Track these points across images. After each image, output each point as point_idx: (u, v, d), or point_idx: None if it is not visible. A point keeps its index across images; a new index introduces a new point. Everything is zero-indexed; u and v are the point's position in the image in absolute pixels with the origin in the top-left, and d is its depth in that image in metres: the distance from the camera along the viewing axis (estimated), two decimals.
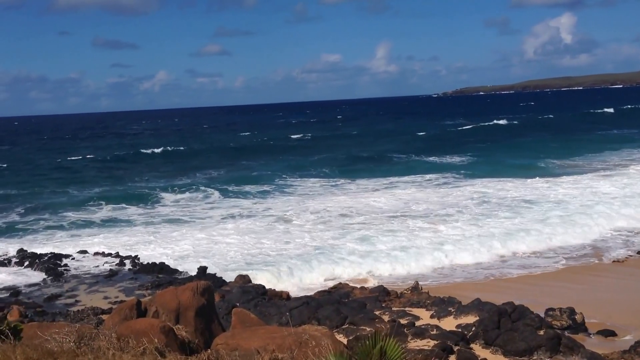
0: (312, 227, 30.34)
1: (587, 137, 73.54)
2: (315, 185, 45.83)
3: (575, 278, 21.57)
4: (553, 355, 14.35)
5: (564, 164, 52.17)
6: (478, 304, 17.39)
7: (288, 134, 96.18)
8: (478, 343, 15.44)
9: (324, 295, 19.76)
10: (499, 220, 29.89)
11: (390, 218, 31.68)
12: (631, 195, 34.59)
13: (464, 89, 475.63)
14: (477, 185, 41.07)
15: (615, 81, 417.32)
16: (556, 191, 37.52)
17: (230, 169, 57.69)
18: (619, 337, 16.10)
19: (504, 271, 22.57)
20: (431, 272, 22.92)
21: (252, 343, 8.99)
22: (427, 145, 70.97)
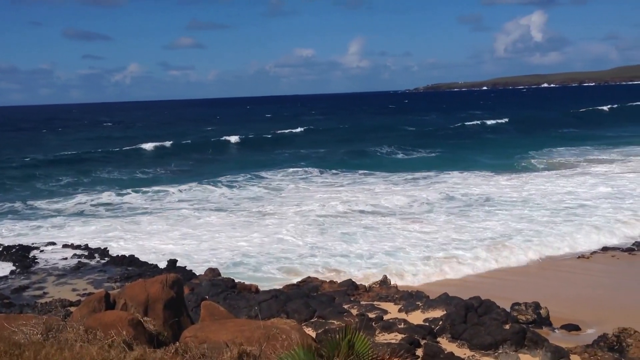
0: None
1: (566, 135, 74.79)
2: (285, 179, 45.83)
3: (542, 273, 21.96)
4: (518, 349, 14.62)
5: (536, 161, 52.98)
6: (445, 299, 17.63)
7: (267, 128, 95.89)
8: (445, 337, 15.66)
9: (292, 288, 19.83)
10: (473, 217, 30.23)
11: (366, 214, 31.86)
12: (595, 192, 35.32)
13: (436, 85, 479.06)
14: (450, 182, 41.46)
15: (584, 79, 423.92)
16: (525, 188, 38.08)
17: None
18: (582, 332, 16.46)
19: (474, 266, 22.81)
20: (407, 269, 22.89)
21: (221, 336, 9.01)
22: (406, 140, 71.31)
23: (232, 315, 11.87)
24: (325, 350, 6.78)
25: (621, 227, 27.27)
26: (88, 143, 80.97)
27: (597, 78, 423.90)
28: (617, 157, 52.36)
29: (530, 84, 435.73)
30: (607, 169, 44.77)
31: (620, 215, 29.16)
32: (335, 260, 23.80)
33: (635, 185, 37.32)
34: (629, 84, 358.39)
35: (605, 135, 71.24)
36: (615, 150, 57.11)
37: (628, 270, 22.01)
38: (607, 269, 22.14)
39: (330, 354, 6.72)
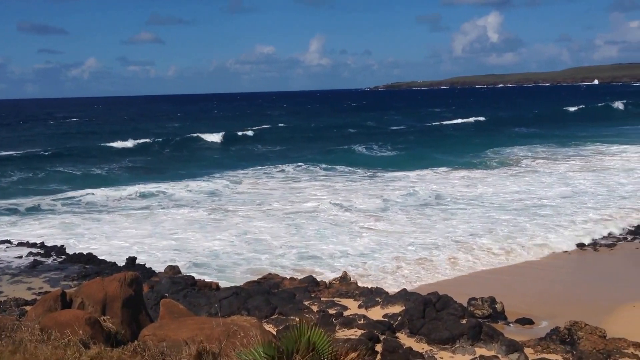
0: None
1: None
2: (250, 177, 45.66)
3: (499, 270, 22.37)
4: (474, 343, 14.90)
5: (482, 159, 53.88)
6: (404, 294, 17.84)
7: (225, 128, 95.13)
8: (404, 332, 15.86)
9: (253, 285, 19.81)
10: (436, 215, 30.61)
11: (331, 212, 31.94)
12: (554, 191, 36.11)
13: (396, 84, 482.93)
14: (413, 179, 41.94)
15: (538, 80, 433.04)
16: (485, 187, 38.72)
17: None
18: (535, 325, 16.88)
19: (433, 263, 23.07)
20: (370, 267, 22.93)
21: (180, 334, 8.99)
22: (369, 139, 71.60)
23: (191, 313, 11.83)
24: (285, 346, 6.81)
25: (582, 225, 27.70)
26: (44, 139, 79.32)
27: (550, 78, 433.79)
28: (573, 156, 53.62)
29: (487, 83, 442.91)
30: (564, 168, 45.76)
31: (581, 213, 29.80)
32: (304, 259, 23.69)
33: (591, 184, 38.29)
34: (580, 84, 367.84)
35: (563, 134, 72.73)
36: (571, 149, 58.45)
37: (584, 266, 22.61)
38: (565, 265, 22.70)
39: (289, 350, 6.76)
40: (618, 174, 41.96)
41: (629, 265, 22.50)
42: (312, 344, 6.77)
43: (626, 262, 22.86)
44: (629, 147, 57.18)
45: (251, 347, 7.01)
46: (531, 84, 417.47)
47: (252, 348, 6.88)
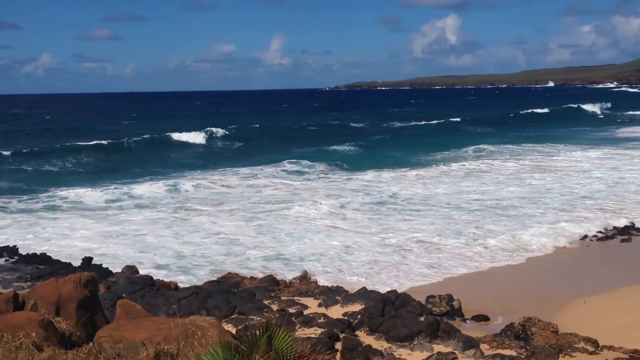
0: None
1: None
2: (210, 177, 45.32)
3: (455, 268, 22.68)
4: (432, 339, 15.10)
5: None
6: (364, 293, 17.96)
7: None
8: (363, 330, 15.97)
9: (213, 285, 19.68)
10: (395, 214, 30.82)
11: (291, 212, 31.94)
12: (510, 191, 36.80)
13: (356, 84, 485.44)
14: (370, 179, 42.15)
15: (495, 81, 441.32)
16: (437, 187, 39.20)
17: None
18: (491, 322, 17.20)
19: (390, 260, 23.24)
20: (330, 267, 22.86)
21: (137, 335, 8.87)
22: (330, 139, 71.62)
23: (149, 313, 11.68)
24: (245, 346, 6.79)
25: (545, 224, 28.13)
26: None
27: (506, 80, 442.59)
28: (529, 156, 54.74)
29: (446, 84, 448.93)
30: (520, 168, 46.62)
31: (542, 213, 30.36)
32: (270, 259, 23.53)
33: (549, 184, 39.11)
34: (534, 86, 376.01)
35: (519, 135, 74.02)
36: (527, 150, 59.64)
37: (540, 265, 23.05)
38: (522, 263, 23.07)
39: (249, 350, 6.74)
40: (573, 174, 42.95)
41: (582, 263, 23.06)
42: (272, 343, 6.75)
43: (580, 260, 23.43)
44: (580, 148, 58.74)
45: (210, 347, 6.97)
46: (488, 85, 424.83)
47: (211, 348, 6.84)
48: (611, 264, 22.69)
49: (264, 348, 6.72)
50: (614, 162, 48.44)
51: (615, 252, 24.08)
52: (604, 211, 30.54)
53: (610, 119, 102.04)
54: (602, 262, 22.97)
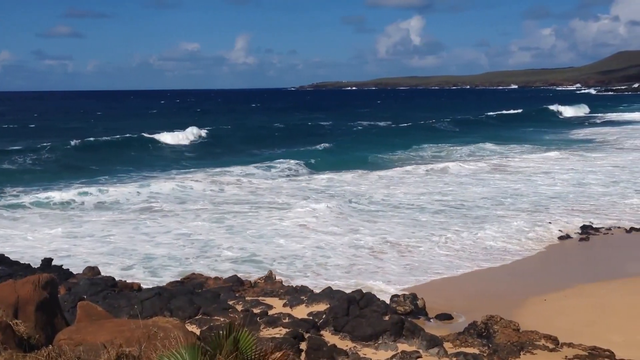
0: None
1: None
2: (171, 179, 44.87)
3: (422, 268, 22.86)
4: (397, 338, 15.19)
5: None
6: (329, 292, 17.98)
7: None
8: (328, 330, 15.98)
9: (176, 285, 19.48)
10: (363, 215, 30.92)
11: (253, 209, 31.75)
12: (474, 191, 37.24)
13: (321, 84, 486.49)
14: (329, 179, 42.26)
15: (458, 82, 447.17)
16: (400, 188, 39.50)
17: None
18: (454, 320, 17.41)
19: (361, 261, 23.31)
20: (301, 268, 22.71)
21: (99, 337, 8.72)
22: (294, 140, 71.51)
23: (111, 315, 11.51)
24: (209, 347, 6.74)
25: (511, 224, 28.60)
26: None
27: (469, 82, 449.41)
28: (492, 157, 55.57)
29: (410, 85, 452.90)
30: (483, 169, 47.26)
31: (501, 213, 30.79)
32: (237, 260, 23.34)
33: (508, 183, 39.78)
34: (497, 88, 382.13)
35: (482, 135, 74.79)
36: (489, 151, 60.50)
37: (502, 264, 23.36)
38: (487, 264, 23.34)
39: (213, 351, 6.68)
40: (535, 176, 43.70)
41: (542, 261, 23.48)
42: (236, 344, 6.71)
43: (540, 258, 23.85)
44: (544, 150, 59.83)
45: (173, 349, 6.89)
46: (452, 86, 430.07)
47: (174, 350, 6.77)
48: (570, 263, 23.17)
49: (228, 349, 6.67)
50: (575, 163, 49.47)
51: (574, 250, 24.60)
52: (564, 211, 31.16)
53: (582, 121, 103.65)
54: (562, 261, 23.42)
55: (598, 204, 32.91)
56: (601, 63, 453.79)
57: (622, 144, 63.64)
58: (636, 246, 24.82)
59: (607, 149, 59.04)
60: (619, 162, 48.91)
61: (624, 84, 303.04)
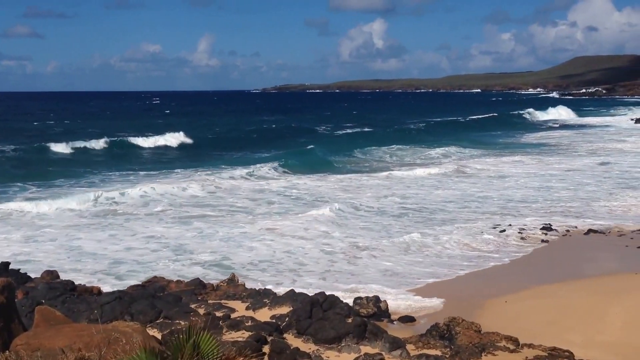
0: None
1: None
2: (129, 181, 44.25)
3: (387, 271, 22.99)
4: (359, 341, 15.23)
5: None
6: (292, 295, 17.95)
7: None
8: (291, 333, 15.94)
9: (137, 289, 19.20)
10: (323, 217, 30.95)
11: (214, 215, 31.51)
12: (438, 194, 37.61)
13: (284, 86, 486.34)
14: (297, 182, 42.29)
15: (420, 86, 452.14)
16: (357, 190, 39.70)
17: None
18: (417, 322, 17.54)
19: (329, 265, 23.32)
20: (272, 273, 22.57)
21: (57, 342, 8.55)
22: (257, 142, 71.21)
23: (69, 320, 11.29)
24: (170, 352, 6.66)
25: (472, 227, 28.93)
26: None
27: (431, 85, 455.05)
28: (446, 160, 56.24)
29: (372, 88, 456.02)
30: (443, 171, 47.77)
31: (464, 215, 31.27)
32: (202, 264, 23.11)
33: (473, 187, 40.28)
34: (459, 92, 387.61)
35: (440, 139, 75.60)
36: (447, 154, 61.18)
37: (463, 266, 23.62)
38: (448, 266, 23.59)
39: (174, 355, 6.61)
40: (496, 180, 44.34)
41: (502, 263, 23.80)
42: (197, 348, 6.64)
43: (500, 260, 24.17)
44: (509, 153, 60.77)
45: (133, 353, 6.79)
46: (414, 89, 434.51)
47: (134, 354, 6.67)
48: (530, 264, 23.55)
49: (189, 353, 6.61)
50: (540, 166, 50.37)
51: (534, 252, 24.99)
52: (525, 214, 31.71)
53: (554, 125, 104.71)
54: (522, 263, 23.80)
55: (558, 206, 33.56)
56: (559, 68, 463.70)
57: (579, 148, 65.00)
58: (593, 248, 25.37)
59: (572, 153, 60.26)
60: (577, 166, 49.96)
61: (582, 88, 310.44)
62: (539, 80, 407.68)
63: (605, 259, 23.75)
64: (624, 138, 74.29)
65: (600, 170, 47.43)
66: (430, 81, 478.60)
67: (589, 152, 60.16)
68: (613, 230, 27.78)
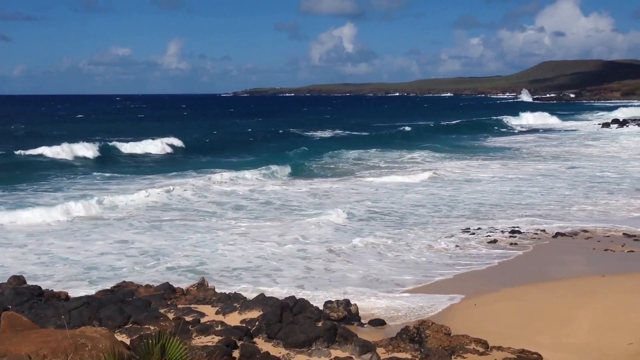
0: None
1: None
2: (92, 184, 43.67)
3: (360, 273, 23.05)
4: (330, 345, 15.24)
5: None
6: (262, 299, 17.88)
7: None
8: (261, 337, 15.88)
9: (106, 294, 18.96)
10: (289, 221, 30.90)
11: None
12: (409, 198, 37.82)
13: (255, 90, 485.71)
14: (269, 190, 42.17)
15: (390, 90, 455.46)
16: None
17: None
18: (387, 326, 17.61)
19: (304, 270, 23.30)
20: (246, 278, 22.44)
21: (23, 348, 8.43)
22: (232, 146, 70.66)
23: (36, 325, 11.15)
24: (138, 357, 6.62)
25: (443, 231, 29.17)
26: None
27: (401, 89, 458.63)
28: (417, 164, 56.65)
29: (343, 92, 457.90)
30: (415, 175, 48.08)
31: (435, 219, 31.46)
32: (174, 272, 22.85)
33: (439, 190, 40.62)
34: (429, 95, 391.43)
35: (409, 144, 75.98)
36: (414, 159, 61.65)
37: (434, 269, 23.79)
38: (420, 268, 23.73)
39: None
40: (466, 185, 44.75)
41: (472, 266, 24.03)
42: (165, 353, 6.61)
43: (469, 262, 24.40)
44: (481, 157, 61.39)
45: (101, 358, 6.73)
46: (384, 93, 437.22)
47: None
48: (499, 267, 23.83)
49: (157, 358, 6.57)
50: (505, 170, 51.01)
51: (503, 255, 25.27)
52: (492, 217, 32.10)
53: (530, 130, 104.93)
54: (490, 265, 24.05)
55: (527, 210, 34.01)
56: (527, 72, 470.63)
57: (546, 151, 66.00)
58: (561, 251, 25.76)
59: (541, 157, 61.13)
60: (547, 170, 50.74)
61: (551, 92, 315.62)
62: (507, 84, 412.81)
63: (573, 262, 24.13)
64: (590, 142, 75.69)
65: (570, 174, 48.21)
66: (400, 85, 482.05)
67: (555, 156, 61.10)
68: (580, 234, 28.24)
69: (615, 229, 29.01)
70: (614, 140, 78.32)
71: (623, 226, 29.52)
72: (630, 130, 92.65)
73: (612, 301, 19.02)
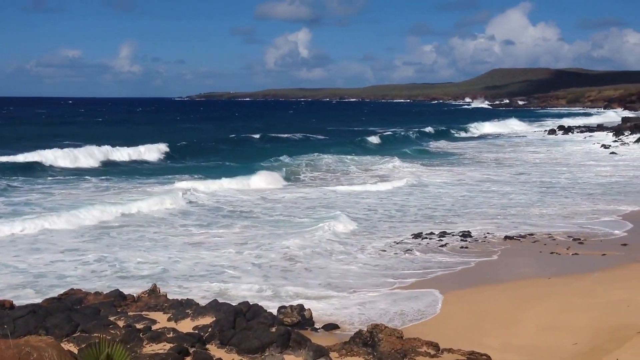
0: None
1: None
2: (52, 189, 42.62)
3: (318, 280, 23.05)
4: (283, 350, 15.19)
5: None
6: (215, 305, 17.71)
7: None
8: (214, 343, 15.73)
9: (53, 302, 18.48)
10: (249, 227, 30.69)
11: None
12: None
13: (209, 94, 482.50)
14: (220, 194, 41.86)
15: (345, 95, 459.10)
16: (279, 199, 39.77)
17: None
18: (341, 330, 17.67)
19: (248, 273, 23.19)
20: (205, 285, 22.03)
21: None
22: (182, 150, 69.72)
23: None
24: None
25: (394, 236, 29.45)
26: None
27: (356, 94, 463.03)
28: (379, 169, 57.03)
29: (298, 97, 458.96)
30: (366, 181, 48.37)
31: (387, 225, 31.63)
32: (124, 274, 22.45)
33: (391, 195, 41.01)
34: (382, 100, 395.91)
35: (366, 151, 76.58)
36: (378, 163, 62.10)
37: (385, 272, 23.98)
38: (372, 272, 23.88)
39: None
40: (418, 190, 45.19)
41: (423, 269, 24.30)
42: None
43: (421, 266, 24.68)
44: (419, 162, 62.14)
45: None
46: (338, 98, 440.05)
47: None
48: (449, 271, 24.13)
49: None
50: (459, 175, 51.80)
51: (452, 259, 25.64)
52: (444, 221, 32.57)
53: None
54: (441, 269, 24.36)
55: (478, 214, 34.62)
56: (478, 79, 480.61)
57: (500, 157, 67.38)
58: (510, 253, 26.29)
59: (490, 162, 62.38)
60: (497, 175, 51.75)
61: (504, 99, 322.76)
62: (459, 91, 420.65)
63: (520, 265, 24.65)
64: (537, 149, 77.64)
65: (520, 179, 49.28)
66: (355, 91, 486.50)
67: (508, 162, 62.43)
68: (528, 237, 28.89)
69: (561, 232, 29.81)
70: (560, 145, 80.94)
71: (568, 229, 30.37)
72: (574, 137, 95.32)
73: (558, 303, 19.51)
